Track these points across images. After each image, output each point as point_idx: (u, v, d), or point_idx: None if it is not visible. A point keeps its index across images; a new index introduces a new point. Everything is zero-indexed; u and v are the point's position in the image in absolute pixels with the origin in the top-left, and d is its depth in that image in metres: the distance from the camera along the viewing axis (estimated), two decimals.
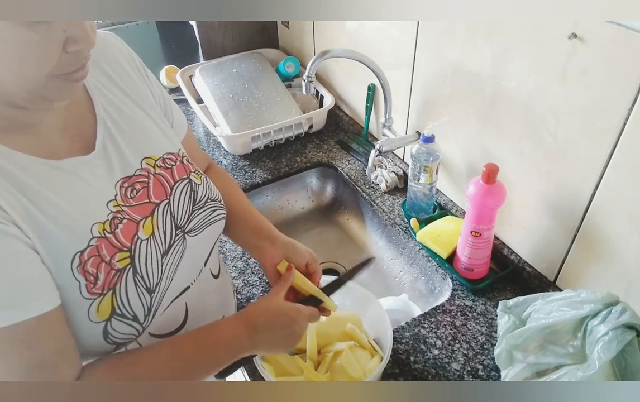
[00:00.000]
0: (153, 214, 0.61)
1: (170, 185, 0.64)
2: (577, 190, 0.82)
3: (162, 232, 0.62)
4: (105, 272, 0.55)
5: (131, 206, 0.59)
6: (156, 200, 0.62)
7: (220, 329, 0.63)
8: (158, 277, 0.60)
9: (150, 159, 0.63)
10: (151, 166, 0.63)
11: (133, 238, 0.58)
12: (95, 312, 0.54)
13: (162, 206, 0.62)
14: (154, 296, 0.59)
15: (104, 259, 0.55)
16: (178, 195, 0.65)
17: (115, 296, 0.55)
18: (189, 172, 0.68)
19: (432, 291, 1.05)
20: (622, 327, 0.67)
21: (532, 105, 0.85)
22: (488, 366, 0.82)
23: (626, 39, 0.67)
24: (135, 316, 0.57)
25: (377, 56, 1.12)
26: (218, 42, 1.68)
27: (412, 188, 1.10)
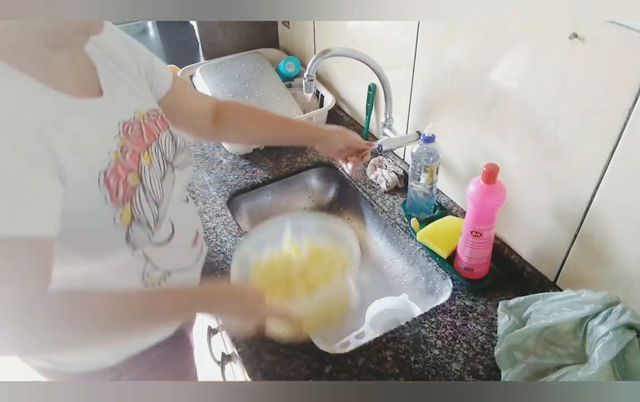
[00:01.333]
0: (148, 149, 0.75)
1: (157, 132, 0.78)
2: (577, 191, 0.82)
3: (157, 162, 0.76)
4: (123, 188, 0.68)
5: (132, 141, 0.72)
6: (148, 141, 0.75)
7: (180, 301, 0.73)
8: (160, 195, 0.75)
9: (139, 112, 0.76)
10: (141, 117, 0.76)
11: (138, 164, 0.72)
12: (120, 218, 0.67)
13: (154, 145, 0.76)
14: (160, 209, 0.74)
15: (121, 178, 0.68)
16: (164, 140, 0.79)
17: (132, 206, 0.69)
18: (168, 124, 0.82)
19: (432, 291, 1.05)
20: (623, 328, 0.67)
21: (532, 105, 0.85)
22: (488, 366, 0.82)
23: (626, 39, 0.67)
24: (148, 223, 0.72)
25: (377, 56, 1.12)
26: (218, 42, 1.68)
27: (412, 188, 1.10)
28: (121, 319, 0.66)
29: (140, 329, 0.71)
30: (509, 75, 0.88)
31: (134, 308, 0.67)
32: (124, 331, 0.68)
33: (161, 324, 0.76)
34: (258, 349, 0.85)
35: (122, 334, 0.70)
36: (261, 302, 0.73)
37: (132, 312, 0.67)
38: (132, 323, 0.67)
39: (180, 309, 0.73)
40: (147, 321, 0.69)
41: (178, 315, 0.76)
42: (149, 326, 0.72)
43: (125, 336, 0.72)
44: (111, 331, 0.66)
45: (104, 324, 0.64)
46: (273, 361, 0.83)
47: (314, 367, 0.82)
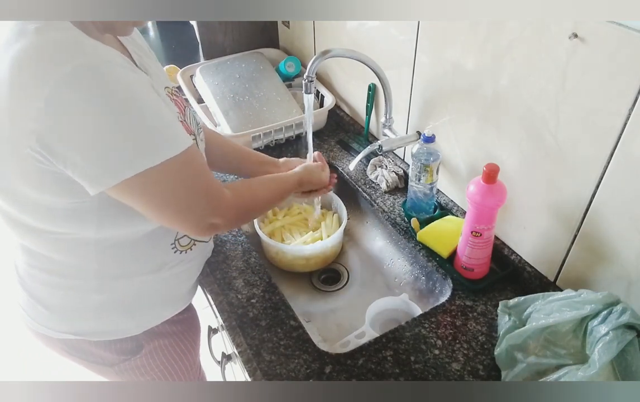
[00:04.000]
0: (184, 121, 0.82)
1: (184, 107, 0.85)
2: (577, 190, 0.82)
3: (195, 132, 0.85)
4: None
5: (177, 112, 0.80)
6: (182, 115, 0.82)
7: (286, 181, 0.98)
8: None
9: (168, 88, 0.83)
10: (169, 92, 0.82)
11: (188, 129, 0.81)
12: None
13: (184, 118, 0.83)
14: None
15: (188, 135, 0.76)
16: (190, 114, 0.87)
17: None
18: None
19: (433, 290, 1.05)
20: (623, 328, 0.67)
21: (532, 105, 0.85)
22: (488, 366, 0.82)
23: (627, 39, 0.67)
24: None
25: (377, 56, 1.12)
26: (218, 42, 1.68)
27: (412, 188, 1.10)
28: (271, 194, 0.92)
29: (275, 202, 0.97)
30: (509, 75, 0.88)
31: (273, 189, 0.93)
32: (271, 202, 0.95)
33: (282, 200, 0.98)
34: (258, 349, 0.85)
35: (264, 207, 0.96)
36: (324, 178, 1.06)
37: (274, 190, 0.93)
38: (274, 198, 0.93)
39: (286, 191, 0.97)
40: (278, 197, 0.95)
41: (286, 195, 0.98)
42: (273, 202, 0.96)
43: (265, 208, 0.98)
44: (268, 202, 0.93)
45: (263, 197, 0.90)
46: (273, 361, 0.83)
47: (314, 367, 0.82)
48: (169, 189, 0.68)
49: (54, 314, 0.83)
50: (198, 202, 0.72)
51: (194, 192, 0.71)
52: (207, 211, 0.74)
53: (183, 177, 0.69)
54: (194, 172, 0.71)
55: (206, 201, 0.73)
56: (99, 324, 0.85)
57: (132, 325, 0.88)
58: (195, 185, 0.71)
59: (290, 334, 0.88)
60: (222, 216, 0.76)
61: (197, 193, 0.72)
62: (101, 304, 0.82)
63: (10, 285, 0.87)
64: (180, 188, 0.70)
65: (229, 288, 0.97)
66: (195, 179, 0.71)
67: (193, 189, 0.71)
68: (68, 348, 0.88)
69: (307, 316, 1.06)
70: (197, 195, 0.72)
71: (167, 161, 0.65)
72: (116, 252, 0.78)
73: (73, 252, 0.76)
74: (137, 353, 0.90)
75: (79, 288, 0.80)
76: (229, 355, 1.10)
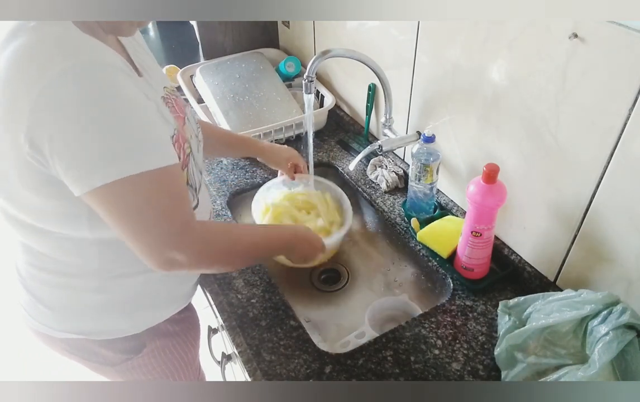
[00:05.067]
0: (185, 123, 0.81)
1: (183, 106, 0.84)
2: (577, 191, 0.82)
3: (193, 136, 0.83)
4: (182, 155, 0.76)
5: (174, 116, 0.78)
6: (182, 114, 0.82)
7: (275, 237, 0.89)
8: (201, 165, 0.87)
9: (167, 88, 0.82)
10: (169, 92, 0.81)
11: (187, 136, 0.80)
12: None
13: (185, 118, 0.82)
14: (201, 176, 0.87)
15: (181, 146, 0.76)
16: (190, 114, 0.86)
17: (187, 172, 0.78)
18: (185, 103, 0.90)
19: (433, 290, 1.05)
20: (623, 328, 0.67)
21: (532, 106, 0.85)
22: (488, 366, 0.82)
23: (626, 39, 0.67)
24: (195, 188, 0.82)
25: (377, 56, 1.12)
26: (218, 41, 1.68)
27: (412, 188, 1.10)
28: (244, 244, 0.81)
29: (250, 257, 0.86)
30: (509, 75, 0.88)
31: (249, 238, 0.83)
32: (244, 254, 0.83)
33: (265, 256, 0.93)
34: (258, 349, 0.85)
35: (242, 258, 0.84)
36: (320, 248, 0.93)
37: (248, 241, 0.83)
38: (247, 251, 0.83)
39: (272, 248, 0.88)
40: (260, 252, 0.86)
41: (272, 252, 0.91)
42: (255, 255, 0.87)
43: (243, 259, 0.85)
44: (238, 252, 0.81)
45: (243, 246, 0.81)
46: (273, 361, 0.83)
47: (314, 367, 0.82)
48: (134, 204, 0.64)
49: (55, 314, 0.83)
50: (158, 228, 0.66)
51: (157, 215, 0.66)
52: (166, 240, 0.67)
53: (151, 195, 0.65)
54: (164, 193, 0.66)
55: (168, 228, 0.67)
56: (100, 323, 0.85)
57: (132, 324, 0.88)
58: (160, 207, 0.66)
59: (290, 334, 0.88)
60: (184, 250, 0.69)
61: (161, 217, 0.66)
62: (102, 303, 0.82)
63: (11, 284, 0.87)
64: (145, 207, 0.65)
65: (229, 288, 0.97)
66: (162, 201, 0.66)
67: (157, 210, 0.66)
68: (70, 348, 0.88)
69: (307, 316, 1.06)
70: (159, 219, 0.66)
71: (140, 175, 0.62)
72: (117, 251, 0.78)
73: (74, 251, 0.76)
74: (138, 352, 0.90)
75: (81, 287, 0.80)
76: (229, 355, 1.10)
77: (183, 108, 0.84)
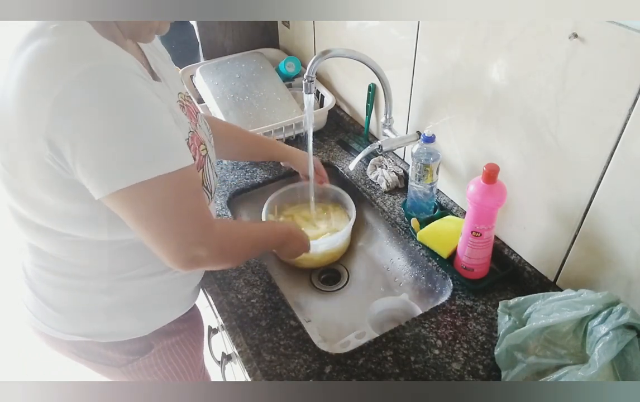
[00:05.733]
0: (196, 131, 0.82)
1: (195, 112, 0.87)
2: (577, 190, 0.82)
3: (206, 141, 0.85)
4: (198, 156, 0.79)
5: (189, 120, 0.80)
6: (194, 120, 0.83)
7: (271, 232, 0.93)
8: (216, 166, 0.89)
9: (181, 93, 0.84)
10: (183, 98, 0.84)
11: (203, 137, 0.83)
12: None
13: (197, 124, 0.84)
14: (216, 178, 0.89)
15: (197, 148, 0.79)
16: (201, 119, 0.88)
17: (203, 172, 0.81)
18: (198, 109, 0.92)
19: (433, 291, 1.05)
20: (623, 328, 0.67)
21: (532, 105, 0.85)
22: (488, 366, 0.82)
23: (626, 39, 0.67)
24: (210, 190, 0.84)
25: (377, 56, 1.12)
26: (219, 41, 1.68)
27: (412, 188, 1.10)
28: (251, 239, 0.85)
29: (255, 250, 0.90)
30: (509, 75, 0.88)
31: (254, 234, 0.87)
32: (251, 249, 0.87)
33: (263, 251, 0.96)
34: (258, 349, 0.85)
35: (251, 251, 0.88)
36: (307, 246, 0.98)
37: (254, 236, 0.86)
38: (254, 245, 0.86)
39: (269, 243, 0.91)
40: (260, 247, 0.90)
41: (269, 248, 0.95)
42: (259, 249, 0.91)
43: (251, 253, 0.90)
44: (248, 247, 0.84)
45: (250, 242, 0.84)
46: (273, 361, 0.83)
47: (314, 367, 0.82)
48: (157, 206, 0.65)
49: (63, 316, 0.83)
50: (183, 227, 0.68)
51: (181, 215, 0.68)
52: (192, 239, 0.69)
53: (173, 196, 0.66)
54: (185, 193, 0.68)
55: (193, 227, 0.69)
56: (108, 325, 0.85)
57: (141, 326, 0.88)
58: (183, 207, 0.68)
59: (290, 334, 0.88)
60: (208, 247, 0.71)
61: (185, 216, 0.68)
62: (111, 305, 0.82)
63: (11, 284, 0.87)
64: (168, 208, 0.66)
65: (229, 288, 0.97)
66: (185, 201, 0.68)
67: (181, 210, 0.68)
68: (76, 350, 0.88)
69: (307, 316, 1.06)
70: (184, 218, 0.68)
71: (160, 177, 0.63)
72: (128, 254, 0.78)
73: (85, 254, 0.76)
74: (145, 353, 0.90)
75: (90, 290, 0.80)
76: (229, 355, 1.10)
77: (195, 115, 0.85)
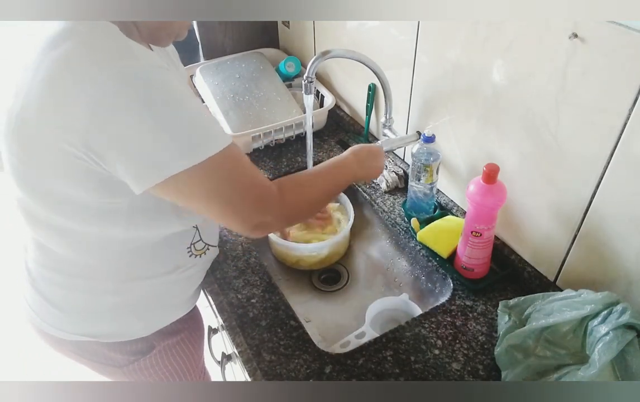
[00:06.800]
0: None
1: None
2: (577, 190, 0.82)
3: None
4: None
5: None
6: None
7: (344, 167, 0.92)
8: None
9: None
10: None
11: None
12: None
13: None
14: None
15: None
16: None
17: None
18: None
19: (432, 291, 1.05)
20: (623, 328, 0.67)
21: (532, 105, 0.85)
22: (488, 366, 0.82)
23: (626, 39, 0.67)
24: None
25: (377, 56, 1.12)
26: (218, 41, 1.68)
27: (412, 188, 1.10)
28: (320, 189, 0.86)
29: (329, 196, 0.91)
30: (509, 75, 0.88)
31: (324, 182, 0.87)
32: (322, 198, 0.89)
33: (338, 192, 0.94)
34: (258, 349, 0.85)
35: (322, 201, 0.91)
36: (381, 154, 0.98)
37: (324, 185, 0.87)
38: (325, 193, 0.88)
39: (342, 177, 0.91)
40: (333, 190, 0.89)
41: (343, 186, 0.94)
42: (333, 193, 0.91)
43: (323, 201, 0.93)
44: (316, 197, 0.86)
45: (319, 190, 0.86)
46: (273, 361, 0.83)
47: (314, 367, 0.82)
48: (213, 185, 0.69)
49: (67, 316, 0.83)
50: (243, 199, 0.72)
51: (239, 189, 0.71)
52: (254, 209, 0.73)
53: (227, 174, 0.69)
54: (237, 168, 0.71)
55: (252, 198, 0.73)
56: (112, 325, 0.85)
57: (143, 326, 0.88)
58: (239, 181, 0.71)
59: (290, 334, 0.88)
60: (271, 213, 0.75)
61: (242, 190, 0.72)
62: (116, 305, 0.83)
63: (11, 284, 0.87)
64: (225, 185, 0.70)
65: (229, 288, 0.97)
66: (239, 176, 0.71)
67: (237, 185, 0.71)
68: (79, 350, 0.88)
69: (307, 316, 1.06)
70: (242, 192, 0.72)
71: (211, 158, 0.66)
72: (136, 255, 0.79)
73: (95, 252, 0.77)
74: (147, 353, 0.90)
75: (95, 290, 0.81)
76: (229, 355, 1.10)
77: None
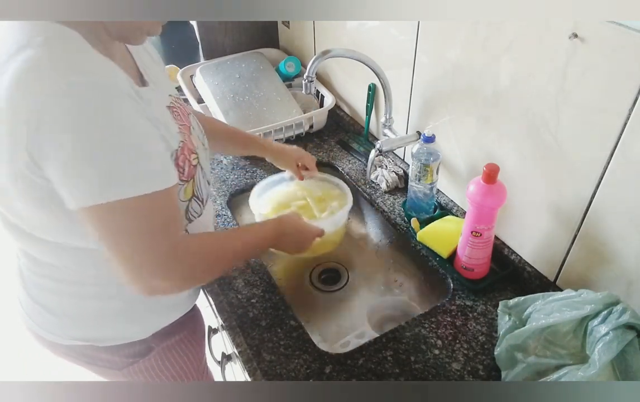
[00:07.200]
0: (191, 133, 0.81)
1: (187, 113, 0.84)
2: (577, 190, 0.82)
3: (200, 144, 0.83)
4: (188, 167, 0.76)
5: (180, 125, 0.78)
6: (187, 123, 0.81)
7: (260, 232, 0.88)
8: (209, 176, 0.86)
9: (171, 95, 0.82)
10: (174, 101, 0.82)
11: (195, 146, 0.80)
12: (183, 193, 0.77)
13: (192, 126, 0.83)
14: (209, 187, 0.87)
15: (187, 158, 0.76)
16: (194, 122, 0.86)
17: (194, 183, 0.79)
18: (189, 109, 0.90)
19: (433, 290, 1.05)
20: (623, 328, 0.67)
21: (532, 105, 0.85)
22: (488, 366, 0.82)
23: (626, 39, 0.67)
24: (202, 200, 0.83)
25: (377, 56, 1.12)
26: (219, 41, 1.68)
27: (412, 188, 1.10)
28: (229, 253, 0.79)
29: (238, 260, 0.89)
30: (509, 75, 0.88)
31: (234, 245, 0.81)
32: (231, 261, 0.84)
33: (254, 256, 0.91)
34: (258, 349, 0.85)
35: (230, 265, 0.88)
36: (313, 233, 0.94)
37: (234, 248, 0.80)
38: (235, 256, 0.82)
39: (258, 246, 0.87)
40: (243, 253, 0.85)
41: (261, 251, 0.92)
42: (243, 257, 0.89)
43: (231, 265, 0.90)
44: (224, 262, 0.79)
45: (222, 257, 0.78)
46: (273, 361, 0.83)
47: (314, 367, 0.82)
48: (117, 229, 0.64)
49: (59, 320, 0.83)
50: (145, 254, 0.66)
51: (145, 240, 0.66)
52: (153, 268, 0.67)
53: (141, 219, 0.64)
54: (155, 216, 0.66)
55: (151, 258, 0.67)
56: (107, 329, 0.84)
57: (139, 329, 0.87)
58: (149, 230, 0.66)
59: (290, 334, 0.88)
60: (168, 278, 0.69)
61: (148, 242, 0.66)
62: (104, 309, 0.82)
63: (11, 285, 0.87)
64: (134, 231, 0.65)
65: (229, 288, 0.97)
66: (153, 223, 0.66)
67: (146, 235, 0.66)
68: (75, 354, 0.87)
69: (307, 316, 1.06)
70: (147, 245, 0.66)
71: (122, 201, 0.61)
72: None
73: (71, 259, 0.76)
74: (145, 355, 0.90)
75: (80, 294, 0.80)
76: (229, 355, 1.10)
77: (187, 116, 0.83)
